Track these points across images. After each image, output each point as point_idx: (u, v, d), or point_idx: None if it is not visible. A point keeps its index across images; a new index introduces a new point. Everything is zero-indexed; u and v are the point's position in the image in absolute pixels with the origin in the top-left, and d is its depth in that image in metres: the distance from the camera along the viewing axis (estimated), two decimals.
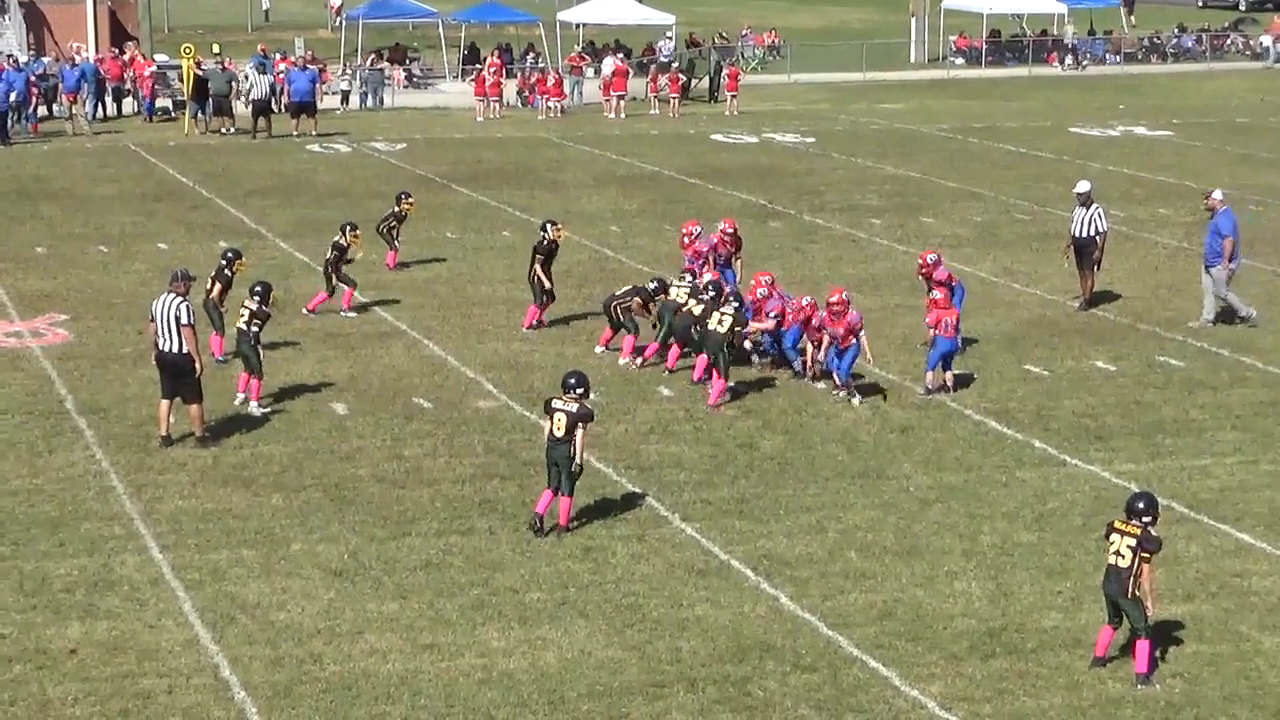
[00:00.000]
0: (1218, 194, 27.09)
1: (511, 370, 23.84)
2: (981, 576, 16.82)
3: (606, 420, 21.56)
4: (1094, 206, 27.48)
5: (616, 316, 24.35)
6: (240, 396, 22.02)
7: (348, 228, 27.36)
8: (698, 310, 23.33)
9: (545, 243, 25.89)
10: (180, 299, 20.39)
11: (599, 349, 24.63)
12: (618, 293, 24.68)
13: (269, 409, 21.87)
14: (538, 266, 25.82)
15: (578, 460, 17.60)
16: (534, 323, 26.11)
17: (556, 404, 17.71)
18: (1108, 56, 74.14)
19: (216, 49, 50.90)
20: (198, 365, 20.36)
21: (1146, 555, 14.48)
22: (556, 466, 17.67)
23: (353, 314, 26.91)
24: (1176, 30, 77.42)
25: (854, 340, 22.20)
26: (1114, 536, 14.62)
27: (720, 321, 22.51)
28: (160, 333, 20.35)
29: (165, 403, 20.54)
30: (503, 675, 14.61)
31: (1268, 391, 23.28)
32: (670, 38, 66.00)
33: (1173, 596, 16.12)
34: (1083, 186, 27.77)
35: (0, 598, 16.10)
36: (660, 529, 18.03)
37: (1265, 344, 25.61)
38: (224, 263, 23.94)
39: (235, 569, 16.84)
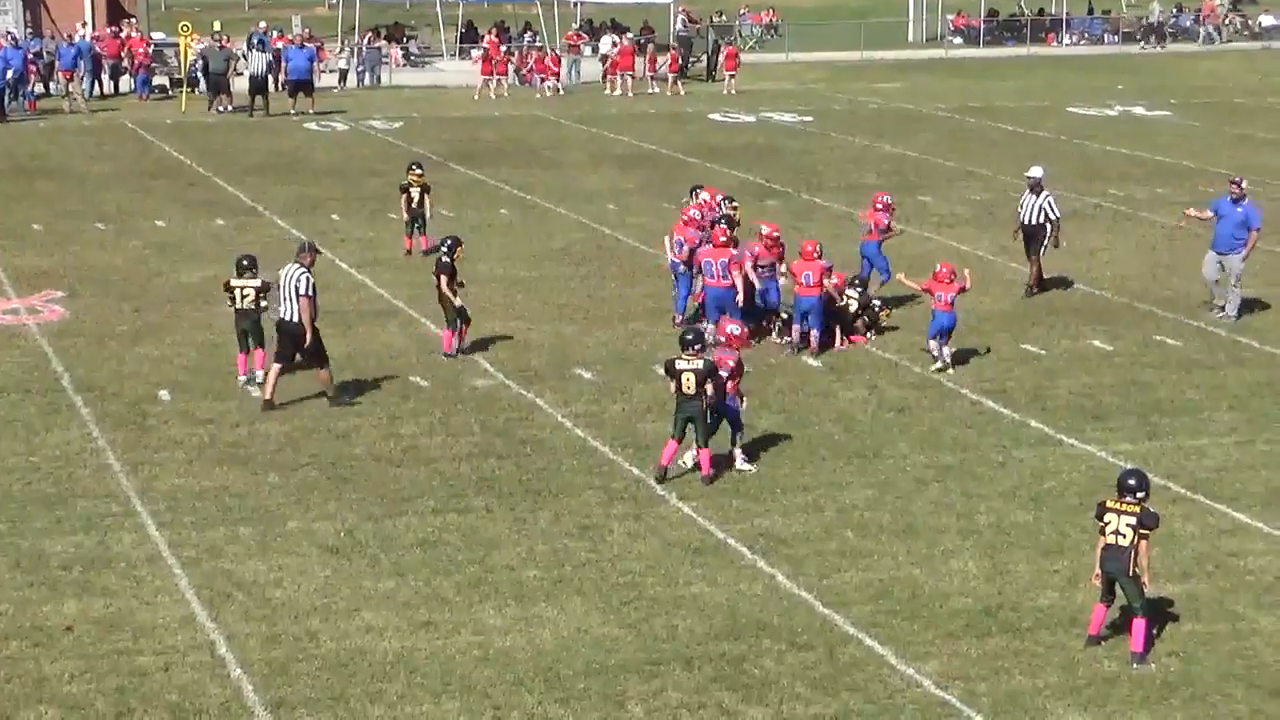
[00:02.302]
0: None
1: (508, 349, 23.82)
2: (978, 555, 16.83)
3: (603, 399, 21.59)
4: (1044, 194, 27.03)
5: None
6: (244, 378, 21.93)
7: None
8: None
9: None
10: (304, 270, 20.74)
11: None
12: None
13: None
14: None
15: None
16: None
17: (680, 364, 18.53)
18: (1106, 36, 74.10)
19: (218, 26, 50.89)
20: (307, 336, 20.73)
21: (1146, 532, 14.50)
22: (690, 421, 18.53)
23: None
24: (1175, 10, 77.36)
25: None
26: (1109, 516, 14.61)
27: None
28: (281, 300, 20.79)
29: (276, 367, 21.00)
30: (499, 653, 14.61)
31: (1264, 371, 23.28)
32: (684, 12, 66.11)
33: (1169, 575, 16.12)
34: (1035, 172, 27.29)
35: None
36: (657, 508, 18.03)
37: (1262, 324, 25.61)
38: (444, 250, 23.28)
39: (232, 547, 16.84)
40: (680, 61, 57.99)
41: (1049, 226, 27.10)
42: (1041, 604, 15.72)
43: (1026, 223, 27.19)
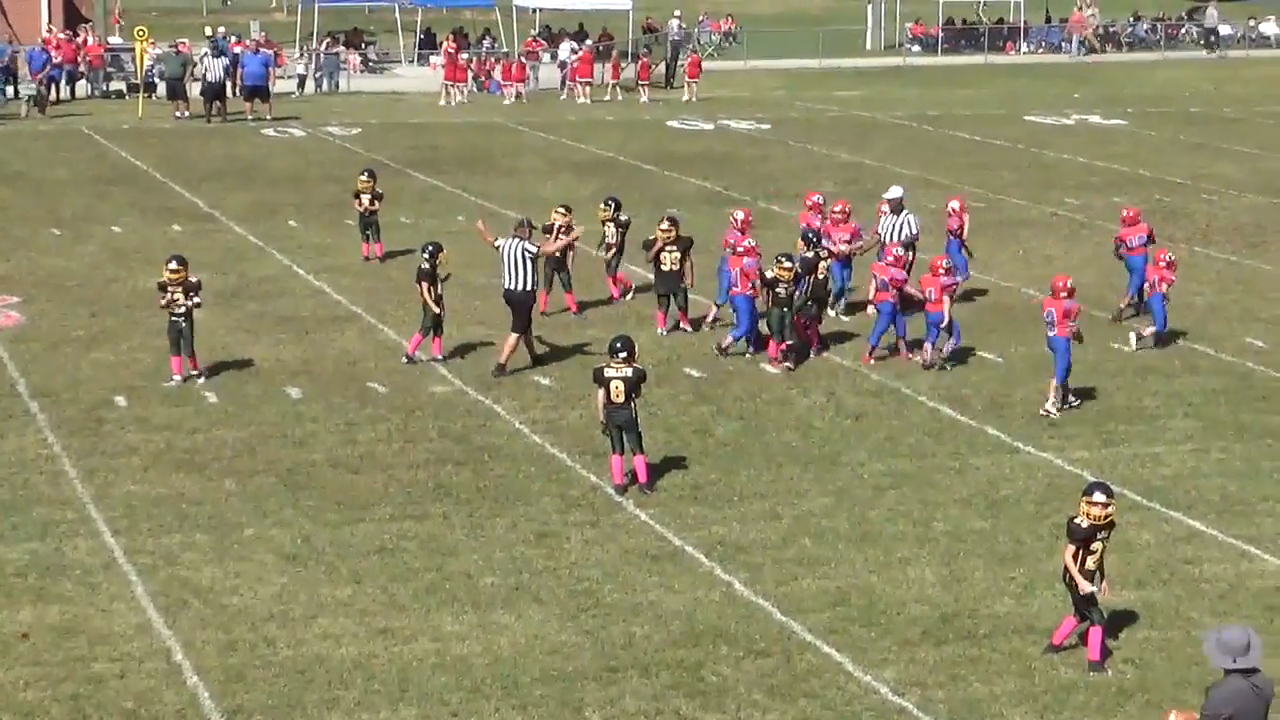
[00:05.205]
0: None
1: (466, 355, 23.79)
2: (934, 563, 16.87)
3: (561, 405, 21.58)
4: (904, 213, 26.60)
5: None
6: (177, 378, 22.01)
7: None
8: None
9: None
10: (523, 241, 22.89)
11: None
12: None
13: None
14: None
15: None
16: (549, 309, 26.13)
17: (609, 372, 18.34)
18: (1063, 45, 74.38)
19: (208, 31, 51.00)
20: (550, 245, 24.08)
21: (1070, 542, 14.56)
22: (620, 429, 18.34)
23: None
24: (1131, 19, 77.72)
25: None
26: None
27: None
28: (505, 273, 22.77)
29: (515, 337, 22.81)
30: (456, 660, 14.59)
31: (1219, 379, 23.39)
32: (678, 17, 66.15)
33: (1124, 583, 16.18)
34: (894, 192, 26.89)
35: None
36: (614, 514, 18.03)
37: (1217, 331, 25.73)
38: (425, 255, 23.16)
39: (188, 553, 16.78)
40: (638, 69, 58.17)
41: (912, 250, 26.22)
42: (998, 611, 15.77)
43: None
